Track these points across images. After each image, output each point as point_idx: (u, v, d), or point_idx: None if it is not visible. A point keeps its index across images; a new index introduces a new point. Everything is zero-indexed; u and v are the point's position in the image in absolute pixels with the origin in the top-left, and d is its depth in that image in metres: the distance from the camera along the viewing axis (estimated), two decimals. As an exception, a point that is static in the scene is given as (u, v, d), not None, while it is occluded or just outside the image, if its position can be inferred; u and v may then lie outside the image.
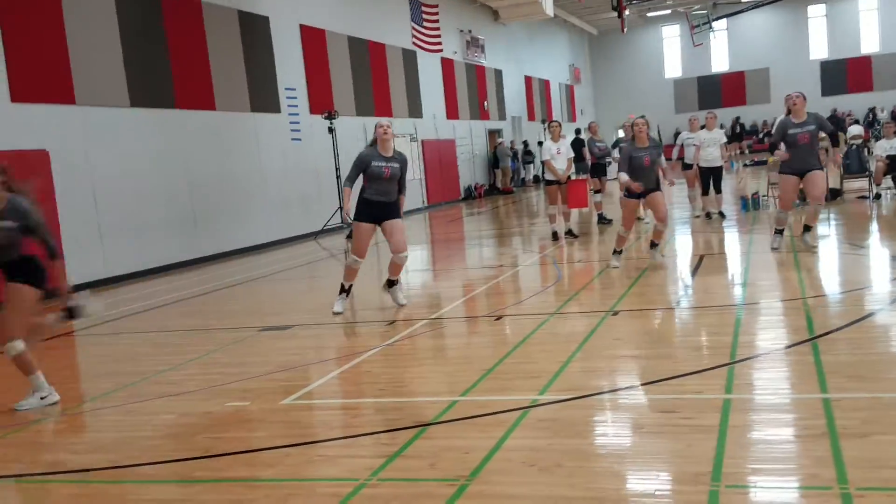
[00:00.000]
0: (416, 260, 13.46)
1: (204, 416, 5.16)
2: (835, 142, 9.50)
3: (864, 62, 40.80)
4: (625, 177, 8.94)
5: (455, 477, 3.76)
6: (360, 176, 7.90)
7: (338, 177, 17.35)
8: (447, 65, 25.97)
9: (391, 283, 8.22)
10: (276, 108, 17.16)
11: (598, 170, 14.68)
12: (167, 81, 14.12)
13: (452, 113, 26.30)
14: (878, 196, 13.91)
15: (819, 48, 41.52)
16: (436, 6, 24.83)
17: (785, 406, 4.43)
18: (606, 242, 12.17)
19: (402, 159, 8.00)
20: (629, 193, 9.07)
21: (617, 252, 9.56)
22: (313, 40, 18.64)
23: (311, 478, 4.01)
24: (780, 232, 9.56)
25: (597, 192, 14.70)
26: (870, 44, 40.76)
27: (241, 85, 16.06)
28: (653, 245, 9.42)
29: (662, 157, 9.25)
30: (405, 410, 4.92)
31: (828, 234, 10.85)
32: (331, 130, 17.04)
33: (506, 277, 10.06)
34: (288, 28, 17.77)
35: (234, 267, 13.66)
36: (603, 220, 14.41)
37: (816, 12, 41.48)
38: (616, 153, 14.66)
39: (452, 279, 10.69)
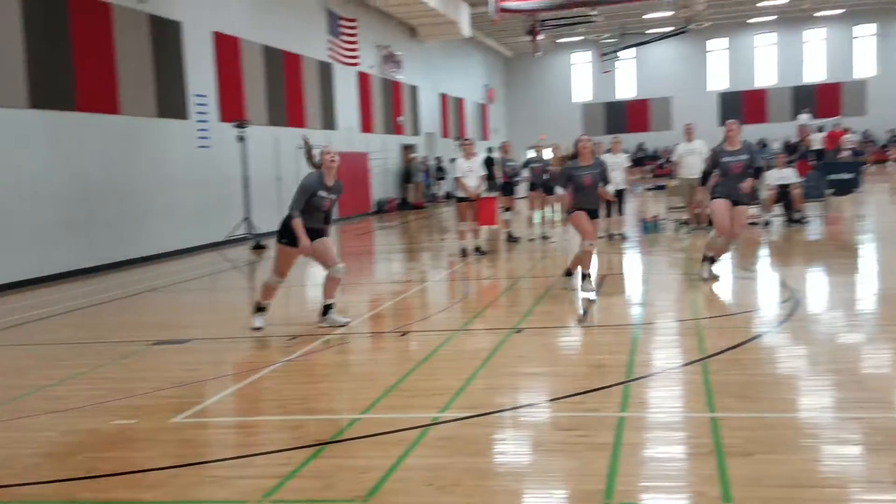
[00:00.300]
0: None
1: (89, 434, 4.95)
2: (757, 175, 9.34)
3: (759, 95, 42.86)
4: (560, 191, 8.80)
5: (351, 497, 3.72)
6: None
7: (246, 186, 17.03)
8: (363, 79, 25.93)
9: (327, 309, 7.77)
10: (183, 115, 16.74)
11: (509, 188, 14.89)
12: (69, 83, 13.60)
13: (367, 126, 26.26)
14: (767, 223, 14.58)
15: (717, 80, 43.40)
16: (354, 20, 24.78)
17: (675, 424, 4.57)
18: (514, 260, 12.35)
19: (340, 190, 7.83)
20: (576, 207, 8.79)
21: (569, 274, 9.09)
22: (227, 48, 18.30)
23: (198, 499, 3.88)
24: (711, 260, 9.19)
25: (506, 210, 14.91)
26: (764, 78, 42.86)
27: (148, 89, 15.60)
28: (584, 277, 8.89)
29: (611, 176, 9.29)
30: (303, 429, 4.84)
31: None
32: (241, 139, 16.74)
33: (413, 293, 10.07)
34: (201, 34, 17.40)
35: (132, 276, 13.20)
36: (511, 239, 14.61)
37: (715, 46, 43.33)
38: (525, 172, 14.92)
39: (359, 294, 10.62)
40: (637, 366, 5.74)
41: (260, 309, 7.86)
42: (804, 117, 32.46)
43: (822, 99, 41.31)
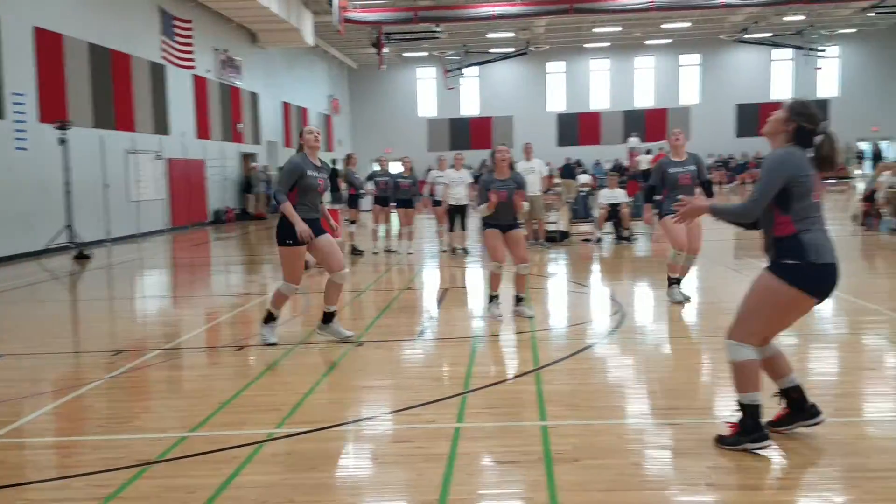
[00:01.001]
0: (155, 286, 12.72)
1: None
2: (709, 192, 8.62)
3: (594, 117, 45.15)
4: (482, 207, 7.99)
5: (177, 518, 3.55)
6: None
7: (68, 192, 15.97)
8: (200, 83, 25.06)
9: (328, 317, 7.09)
10: None
11: (354, 201, 14.83)
12: None
13: (203, 132, 25.37)
14: (599, 240, 15.33)
15: (556, 102, 45.36)
16: (190, 21, 23.93)
17: (508, 433, 4.68)
18: (358, 273, 12.28)
19: (328, 169, 7.19)
20: (488, 223, 8.07)
21: (494, 297, 8.12)
22: (48, 44, 17.15)
23: (9, 526, 3.59)
24: (677, 281, 8.62)
25: (351, 223, 14.83)
26: (599, 101, 45.23)
27: (-42, 85, 14.36)
28: (518, 300, 8.15)
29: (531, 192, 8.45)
30: (127, 448, 4.57)
31: (556, 273, 11.74)
32: (62, 142, 15.70)
33: (252, 306, 9.79)
34: (20, 29, 16.22)
35: (-62, 287, 12.07)
36: (356, 252, 14.54)
37: (554, 69, 45.28)
38: (370, 185, 14.90)
39: (194, 307, 10.21)
40: (475, 377, 5.84)
41: (270, 319, 7.11)
42: (634, 140, 34.41)
43: (650, 123, 43.96)
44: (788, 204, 3.94)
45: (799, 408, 4.28)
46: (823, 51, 40.63)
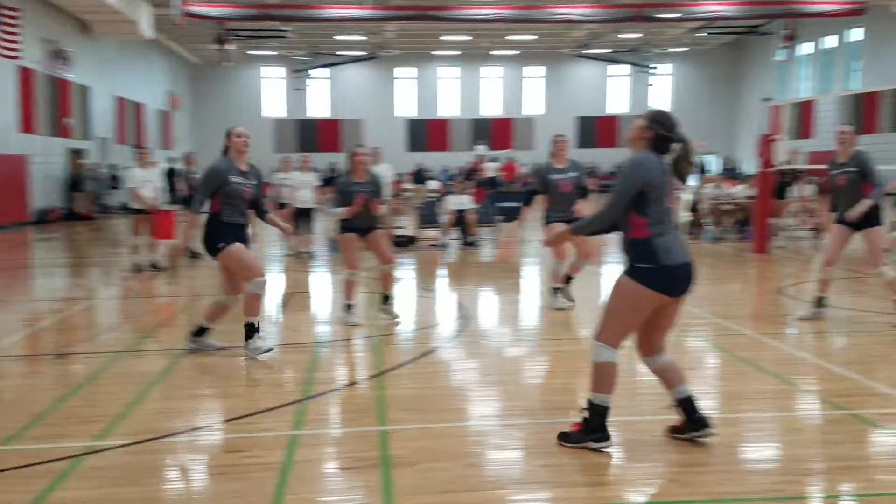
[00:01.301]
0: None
1: None
2: (583, 197, 8.48)
3: (443, 124, 45.81)
4: (339, 210, 7.70)
5: (-23, 543, 3.21)
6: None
7: None
8: (25, 74, 23.33)
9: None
10: None
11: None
12: None
13: (27, 126, 23.62)
14: (445, 245, 15.49)
15: (405, 107, 45.68)
16: (16, 10, 22.23)
17: (347, 439, 4.59)
18: (195, 277, 11.77)
19: (259, 175, 6.61)
20: (345, 227, 7.79)
21: (349, 305, 7.78)
22: None
23: None
24: (559, 290, 8.49)
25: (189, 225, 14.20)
26: (448, 109, 45.94)
27: None
28: (385, 299, 7.97)
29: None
30: (-77, 467, 4.12)
31: (403, 278, 11.74)
32: None
33: (78, 311, 9.16)
34: None
35: None
36: (193, 255, 13.94)
37: (403, 74, 45.59)
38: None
39: (10, 312, 9.44)
40: (316, 383, 5.71)
41: (253, 330, 6.47)
42: (481, 148, 35.19)
43: (497, 132, 45.08)
44: (645, 208, 4.11)
45: (689, 418, 4.34)
46: (656, 68, 43.21)
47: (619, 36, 40.59)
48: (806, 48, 39.64)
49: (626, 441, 4.41)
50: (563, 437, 4.32)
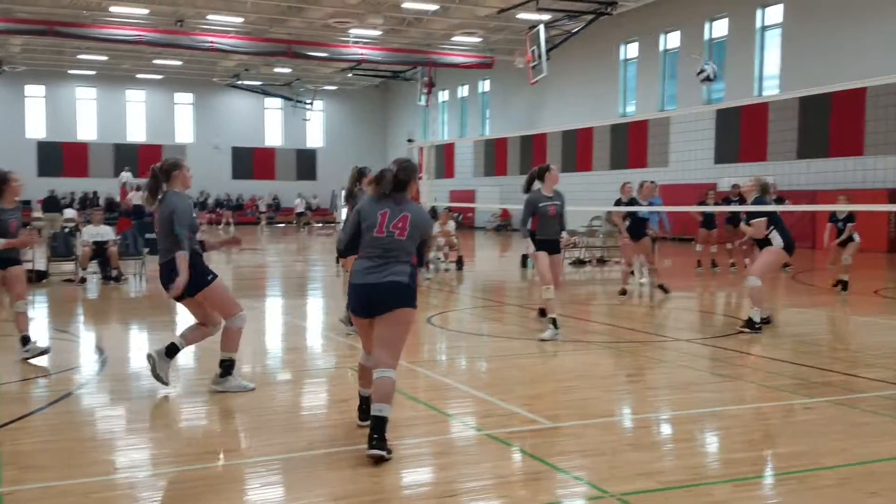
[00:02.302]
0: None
1: None
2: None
3: (81, 148, 42.24)
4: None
5: None
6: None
7: None
8: None
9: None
10: None
11: None
12: None
13: None
14: (84, 280, 14.08)
15: (36, 128, 41.42)
16: None
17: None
18: None
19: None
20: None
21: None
22: None
23: None
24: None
25: None
26: (87, 132, 42.50)
27: None
28: (24, 341, 7.32)
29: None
30: None
31: (35, 318, 10.39)
32: None
33: None
34: None
35: None
36: None
37: (34, 93, 41.37)
38: None
39: None
40: None
41: (229, 368, 6.15)
42: (126, 175, 32.94)
43: (143, 159, 42.67)
44: (360, 237, 4.80)
45: (367, 411, 4.78)
46: (310, 104, 44.11)
47: (275, 70, 40.84)
48: (445, 95, 43.29)
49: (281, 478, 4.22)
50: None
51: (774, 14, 25.26)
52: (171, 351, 6.17)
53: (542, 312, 8.88)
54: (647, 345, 8.34)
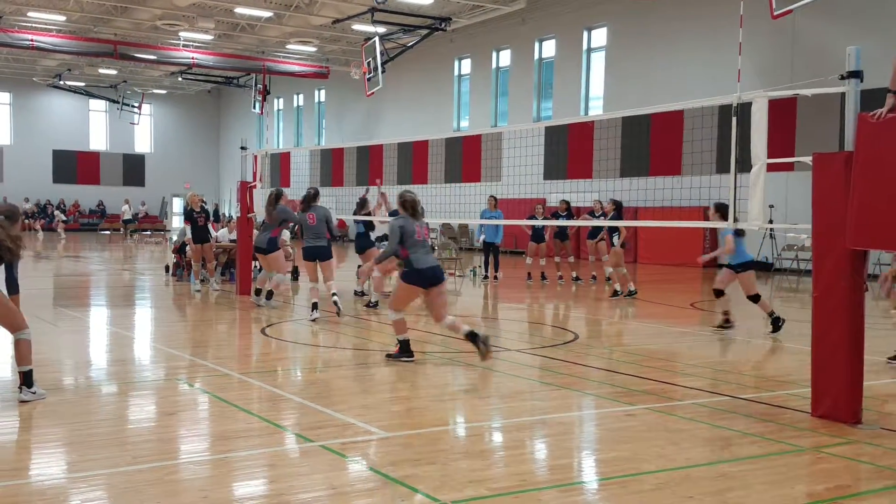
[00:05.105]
0: None
1: None
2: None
3: None
4: None
5: None
6: None
7: None
8: None
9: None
10: None
11: None
12: None
13: None
14: None
15: None
16: None
17: None
18: None
19: None
20: None
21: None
22: None
23: None
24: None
25: None
26: None
27: None
28: None
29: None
30: None
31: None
32: None
33: None
34: None
35: None
36: None
37: None
38: None
39: None
40: None
41: None
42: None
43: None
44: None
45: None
46: (138, 107, 42.09)
47: (100, 71, 38.74)
48: (281, 104, 42.62)
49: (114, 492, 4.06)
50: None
51: (599, 37, 26.72)
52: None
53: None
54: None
